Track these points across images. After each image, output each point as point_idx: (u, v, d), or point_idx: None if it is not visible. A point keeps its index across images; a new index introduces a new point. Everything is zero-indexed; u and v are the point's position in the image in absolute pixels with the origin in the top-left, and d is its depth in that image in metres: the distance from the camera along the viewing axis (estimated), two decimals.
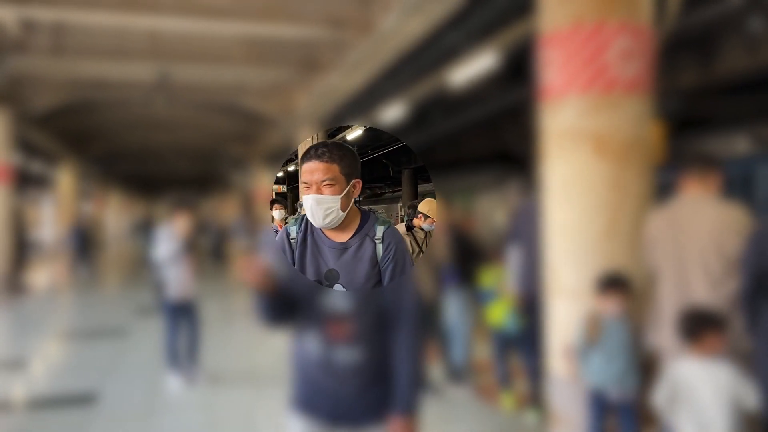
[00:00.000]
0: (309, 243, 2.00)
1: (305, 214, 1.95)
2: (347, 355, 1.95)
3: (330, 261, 1.97)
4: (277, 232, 2.18)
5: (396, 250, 1.95)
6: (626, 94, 3.44)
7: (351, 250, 1.96)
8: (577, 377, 3.38)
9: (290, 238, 2.03)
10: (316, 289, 1.96)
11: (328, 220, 1.90)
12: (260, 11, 7.31)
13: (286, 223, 2.18)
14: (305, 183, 1.89)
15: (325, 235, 1.98)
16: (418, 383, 2.00)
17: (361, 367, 1.95)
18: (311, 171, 1.87)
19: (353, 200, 1.95)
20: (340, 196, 1.88)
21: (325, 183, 1.87)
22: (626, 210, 3.44)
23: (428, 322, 4.89)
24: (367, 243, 1.95)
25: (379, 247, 1.95)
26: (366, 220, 1.99)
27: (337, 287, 1.95)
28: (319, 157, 1.87)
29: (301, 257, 1.99)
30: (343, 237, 1.97)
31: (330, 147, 1.89)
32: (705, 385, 2.68)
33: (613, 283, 3.24)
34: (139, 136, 17.56)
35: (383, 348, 1.97)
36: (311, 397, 2.03)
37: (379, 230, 1.97)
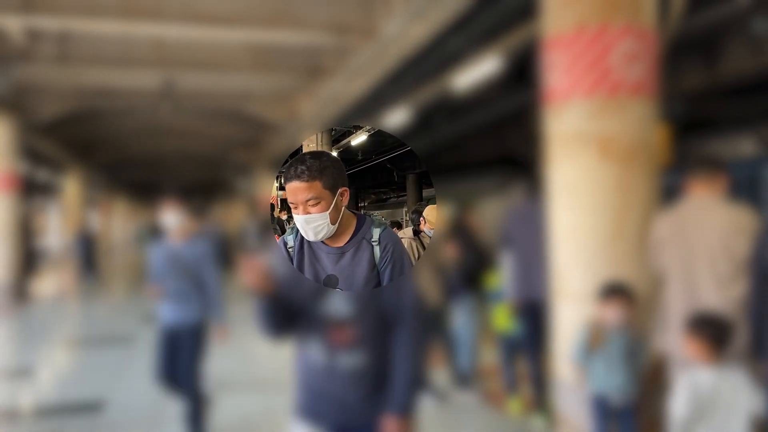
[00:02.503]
0: (306, 250, 2.00)
1: None
2: (350, 360, 1.94)
3: (328, 266, 1.96)
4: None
5: (393, 251, 1.95)
6: (631, 96, 3.43)
7: (348, 254, 1.96)
8: (581, 382, 3.36)
9: (287, 247, 2.02)
10: (316, 295, 1.95)
11: (320, 236, 1.91)
12: (264, 18, 7.34)
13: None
14: (292, 203, 1.88)
15: (322, 242, 1.98)
16: (416, 384, 1.97)
17: (365, 372, 1.94)
18: (294, 192, 1.86)
19: (343, 208, 1.93)
20: (328, 212, 1.87)
21: (309, 202, 1.85)
22: (632, 213, 3.43)
23: (435, 327, 4.88)
24: (364, 246, 1.95)
25: (377, 249, 1.94)
26: (362, 223, 1.99)
27: (337, 292, 1.94)
28: (298, 177, 1.84)
29: (299, 265, 1.99)
30: (339, 242, 1.97)
31: (308, 164, 1.85)
32: (725, 395, 2.63)
33: (615, 292, 3.22)
34: (145, 144, 17.63)
35: (386, 352, 1.96)
36: (315, 403, 2.01)
37: (375, 232, 1.96)
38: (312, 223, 1.87)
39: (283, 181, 1.90)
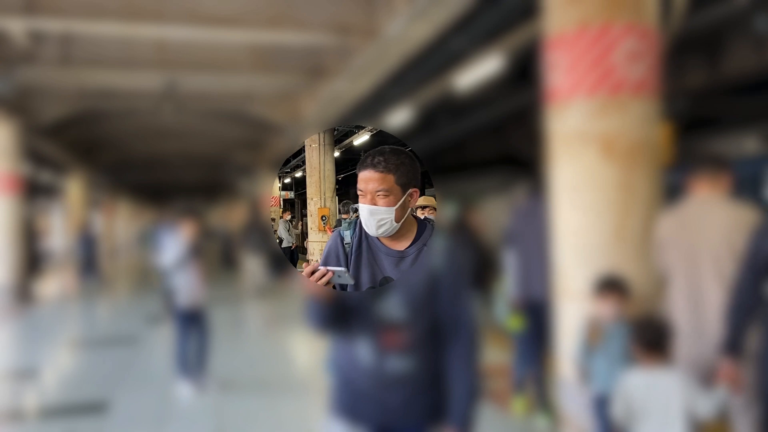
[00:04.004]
0: (364, 249, 1.97)
1: (359, 218, 1.93)
2: (399, 363, 1.92)
3: (386, 269, 1.94)
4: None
5: (454, 262, 1.94)
6: (633, 95, 3.43)
7: (408, 259, 1.93)
8: (583, 382, 3.36)
9: (344, 243, 2.00)
10: (370, 296, 1.93)
11: (381, 230, 1.88)
12: (266, 19, 7.34)
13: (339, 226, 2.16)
14: (360, 191, 1.87)
15: (382, 243, 1.96)
16: (474, 396, 1.96)
17: (412, 376, 1.92)
18: (366, 180, 1.84)
19: (409, 210, 1.92)
20: (395, 208, 1.85)
21: (379, 194, 1.84)
22: (634, 212, 3.42)
23: None
24: (425, 253, 1.93)
25: (437, 259, 1.92)
26: (423, 229, 1.97)
27: (393, 295, 1.91)
28: (374, 167, 1.83)
29: (356, 263, 1.96)
30: (400, 245, 1.95)
31: (387, 155, 1.84)
32: (659, 396, 2.67)
33: (609, 285, 3.21)
34: (148, 145, 17.65)
35: (434, 358, 1.94)
36: (355, 403, 1.99)
37: (438, 241, 1.94)
38: (376, 215, 1.86)
39: (357, 168, 1.88)
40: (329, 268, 1.81)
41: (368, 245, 1.97)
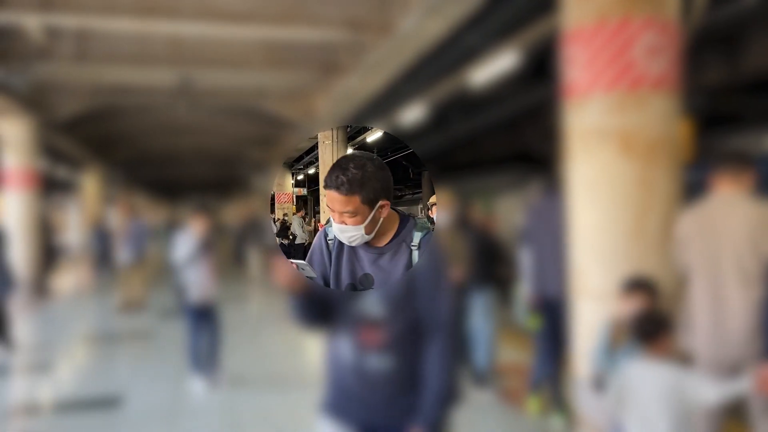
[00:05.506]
0: (346, 246, 1.97)
1: None
2: (379, 361, 1.90)
3: (365, 265, 1.94)
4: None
5: (432, 258, 1.90)
6: (653, 91, 3.36)
7: (387, 255, 1.92)
8: (602, 384, 3.30)
9: (327, 239, 2.00)
10: (350, 292, 1.93)
11: (354, 244, 1.90)
12: (279, 15, 7.32)
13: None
14: (329, 207, 1.85)
15: None
16: (448, 397, 1.92)
17: (392, 375, 1.90)
18: (331, 200, 1.82)
19: (381, 219, 1.89)
20: (363, 225, 1.84)
21: (346, 214, 1.82)
22: (654, 210, 3.36)
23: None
24: (404, 249, 1.91)
25: (416, 254, 1.90)
26: (404, 224, 1.95)
27: (372, 292, 1.91)
28: (337, 189, 1.80)
29: (337, 259, 1.97)
30: (380, 242, 1.94)
31: (350, 175, 1.78)
32: (647, 386, 2.65)
33: (637, 286, 3.16)
34: (162, 141, 17.75)
35: (415, 356, 1.92)
36: (342, 401, 1.99)
37: (417, 237, 1.92)
38: (346, 233, 1.86)
39: (323, 185, 1.86)
40: (293, 261, 1.84)
41: None
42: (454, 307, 1.98)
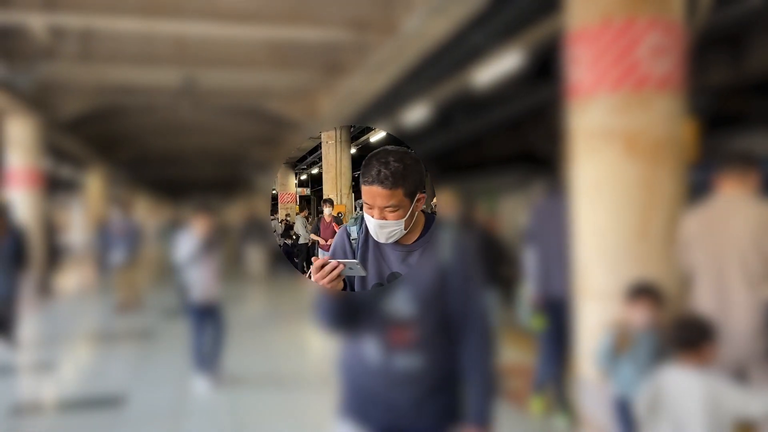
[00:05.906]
0: (371, 244, 1.92)
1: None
2: (407, 361, 1.85)
3: (393, 264, 1.89)
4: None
5: (463, 256, 1.87)
6: (657, 91, 3.36)
7: (416, 253, 1.88)
8: (604, 385, 3.30)
9: (351, 238, 1.95)
10: (378, 292, 1.88)
11: (391, 240, 1.85)
12: (283, 15, 7.33)
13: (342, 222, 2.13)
14: (367, 204, 1.80)
15: None
16: (492, 392, 1.90)
17: (421, 375, 1.86)
18: (373, 195, 1.77)
19: (417, 214, 1.86)
20: (404, 219, 1.80)
21: (388, 209, 1.78)
22: (658, 210, 3.35)
23: None
24: (433, 247, 1.87)
25: (446, 252, 1.86)
26: (431, 222, 1.91)
27: (400, 291, 1.86)
28: (381, 183, 1.75)
29: (362, 259, 1.91)
30: (407, 240, 1.89)
31: (393, 170, 1.74)
32: (685, 395, 2.60)
33: (643, 292, 3.14)
34: (166, 141, 17.79)
35: (445, 356, 1.88)
36: (364, 404, 1.93)
37: (446, 234, 1.88)
38: (386, 228, 1.81)
39: (361, 179, 1.81)
40: (340, 261, 1.76)
41: (375, 240, 1.91)
42: (486, 303, 1.94)
